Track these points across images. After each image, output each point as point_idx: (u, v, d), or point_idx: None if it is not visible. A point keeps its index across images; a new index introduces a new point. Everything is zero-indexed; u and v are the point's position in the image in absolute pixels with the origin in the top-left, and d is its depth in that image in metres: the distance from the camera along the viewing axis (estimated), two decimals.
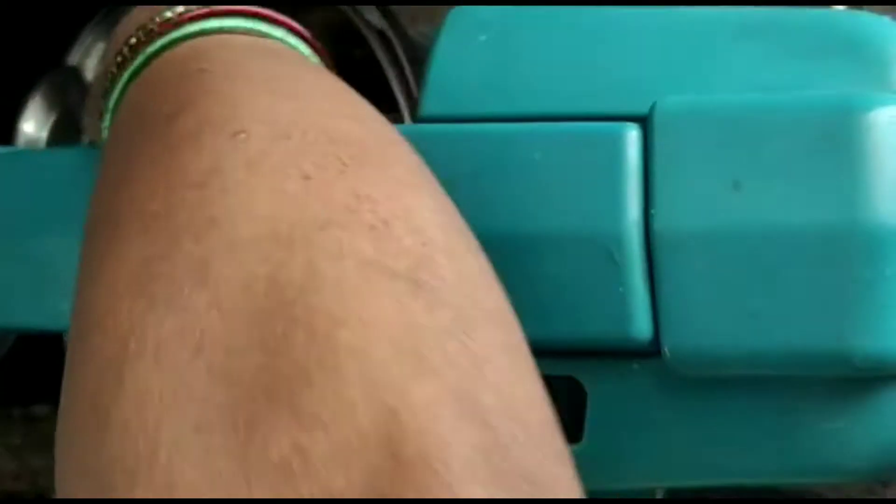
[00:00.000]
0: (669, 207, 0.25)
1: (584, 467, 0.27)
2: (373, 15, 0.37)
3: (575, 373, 0.28)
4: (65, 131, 0.59)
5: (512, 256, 0.27)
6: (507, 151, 0.28)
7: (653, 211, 0.25)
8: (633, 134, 0.26)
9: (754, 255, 0.24)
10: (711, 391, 0.26)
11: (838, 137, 0.24)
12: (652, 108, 0.26)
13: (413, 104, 0.35)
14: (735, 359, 0.25)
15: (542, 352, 0.27)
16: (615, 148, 0.26)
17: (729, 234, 0.25)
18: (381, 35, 0.37)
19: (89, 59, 0.63)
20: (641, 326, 0.26)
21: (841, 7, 0.33)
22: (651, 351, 0.26)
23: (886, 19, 0.27)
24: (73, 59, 0.63)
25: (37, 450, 0.66)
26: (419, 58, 0.36)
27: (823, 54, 0.26)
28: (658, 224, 0.25)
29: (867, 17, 0.27)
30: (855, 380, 0.25)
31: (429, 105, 0.30)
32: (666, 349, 0.25)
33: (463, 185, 0.28)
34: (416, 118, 0.31)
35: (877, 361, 0.24)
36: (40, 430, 0.64)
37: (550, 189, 0.27)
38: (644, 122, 0.27)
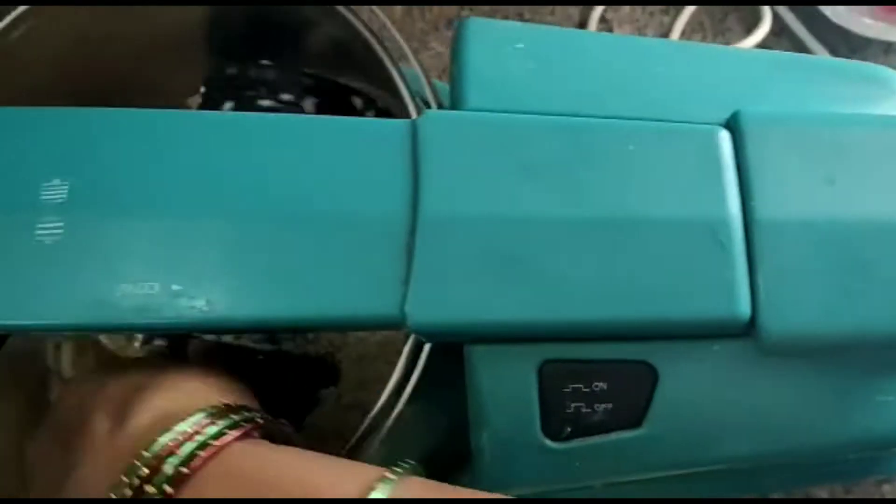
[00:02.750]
0: (768, 199, 0.26)
1: (641, 451, 0.27)
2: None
3: (649, 357, 0.27)
4: None
5: (615, 239, 0.26)
6: (598, 142, 0.27)
7: (752, 203, 0.26)
8: (724, 133, 0.27)
9: (848, 243, 0.26)
10: (787, 367, 0.28)
11: None
12: (736, 115, 0.27)
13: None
14: (828, 334, 0.27)
15: (617, 336, 0.26)
16: (710, 144, 0.27)
17: (825, 224, 0.26)
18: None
19: None
20: (743, 306, 0.26)
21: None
22: (738, 332, 0.27)
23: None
24: None
25: None
26: None
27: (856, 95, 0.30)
28: (759, 214, 0.26)
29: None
30: None
31: (473, 99, 0.29)
32: (762, 327, 0.26)
33: (556, 171, 0.26)
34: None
35: None
36: None
37: (648, 178, 0.27)
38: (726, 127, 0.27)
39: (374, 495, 0.23)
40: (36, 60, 0.41)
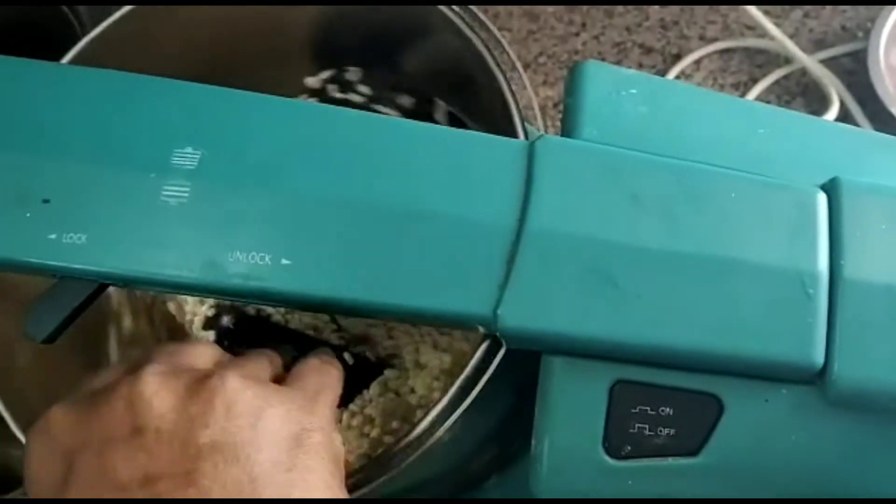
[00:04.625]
0: (856, 260, 0.28)
1: (693, 479, 0.28)
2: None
3: (719, 390, 0.29)
4: None
5: (706, 275, 0.28)
6: (704, 185, 0.29)
7: (841, 262, 0.28)
8: (822, 195, 0.29)
9: None
10: (849, 419, 0.29)
11: None
12: (834, 180, 0.29)
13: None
14: (893, 392, 0.28)
15: (691, 366, 0.28)
16: (808, 203, 0.29)
17: None
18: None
19: None
20: (817, 354, 0.28)
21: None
22: (807, 379, 0.28)
23: None
24: None
25: None
26: None
27: None
28: (846, 272, 0.28)
29: None
30: None
31: (587, 131, 0.31)
32: (832, 377, 0.28)
33: (660, 205, 0.28)
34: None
35: None
36: None
37: (746, 225, 0.28)
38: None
39: None
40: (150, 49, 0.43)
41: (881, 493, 0.29)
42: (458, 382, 0.32)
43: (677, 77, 0.67)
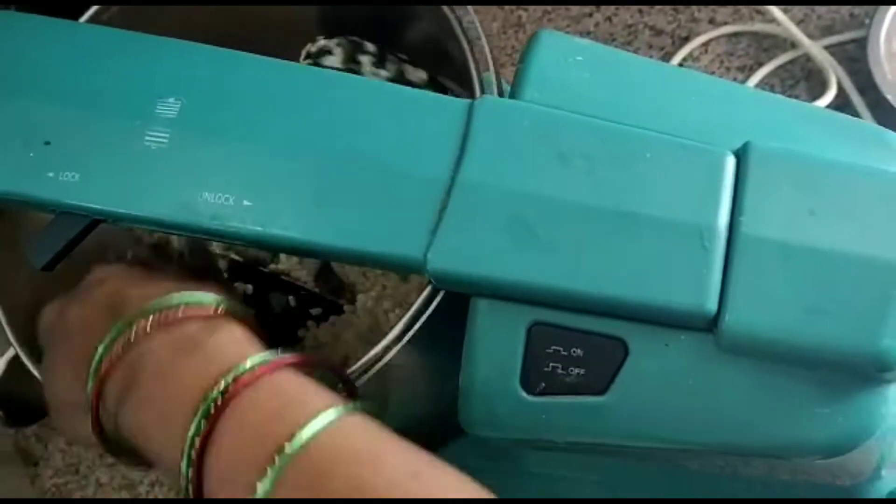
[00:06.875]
0: (754, 218, 0.30)
1: (599, 417, 0.31)
2: None
3: (625, 334, 0.32)
4: None
5: (616, 228, 0.30)
6: (622, 145, 0.31)
7: (740, 218, 0.30)
8: (731, 158, 0.31)
9: (815, 266, 0.29)
10: (742, 366, 0.31)
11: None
12: (746, 144, 0.31)
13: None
14: (781, 341, 0.30)
15: (600, 311, 0.31)
16: (716, 164, 0.31)
17: (798, 246, 0.30)
18: None
19: None
20: (710, 302, 0.30)
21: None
22: (703, 326, 0.31)
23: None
24: None
25: None
26: None
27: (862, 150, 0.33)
28: (744, 228, 0.30)
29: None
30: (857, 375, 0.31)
31: (529, 93, 0.33)
32: (723, 324, 0.30)
33: (582, 163, 0.31)
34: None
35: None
36: None
37: (656, 182, 0.31)
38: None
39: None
40: None
41: (771, 437, 0.31)
42: (408, 314, 0.35)
43: (684, 60, 0.68)
